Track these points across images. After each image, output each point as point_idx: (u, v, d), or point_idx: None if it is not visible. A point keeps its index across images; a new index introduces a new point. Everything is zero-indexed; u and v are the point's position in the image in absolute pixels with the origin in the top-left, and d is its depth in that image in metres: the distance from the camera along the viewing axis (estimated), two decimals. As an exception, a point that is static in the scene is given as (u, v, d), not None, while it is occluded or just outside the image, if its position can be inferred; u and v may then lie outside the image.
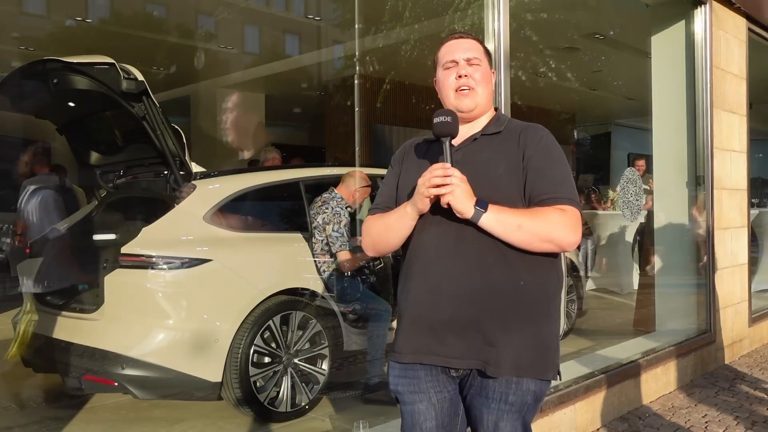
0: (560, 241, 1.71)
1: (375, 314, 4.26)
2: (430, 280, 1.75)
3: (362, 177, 4.43)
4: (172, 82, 9.72)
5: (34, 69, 3.71)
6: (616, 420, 4.01)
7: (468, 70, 1.83)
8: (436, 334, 1.74)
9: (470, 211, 1.65)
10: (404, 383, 1.82)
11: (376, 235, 1.88)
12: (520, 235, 1.68)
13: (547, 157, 1.77)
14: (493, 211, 1.66)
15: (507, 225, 1.67)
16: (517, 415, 1.75)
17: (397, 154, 1.99)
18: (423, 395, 1.80)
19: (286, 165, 6.15)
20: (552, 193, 1.72)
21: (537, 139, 1.79)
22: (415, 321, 1.78)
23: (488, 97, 1.88)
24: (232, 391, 3.58)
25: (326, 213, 4.21)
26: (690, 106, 5.22)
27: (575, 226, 1.71)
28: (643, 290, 6.16)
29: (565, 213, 1.70)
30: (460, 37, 1.88)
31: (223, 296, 3.69)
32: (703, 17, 5.17)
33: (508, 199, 1.71)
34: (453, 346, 1.72)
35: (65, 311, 3.86)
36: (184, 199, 3.76)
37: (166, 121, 3.71)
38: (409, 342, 1.79)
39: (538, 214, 1.69)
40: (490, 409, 1.75)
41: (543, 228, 1.68)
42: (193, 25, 8.46)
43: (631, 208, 6.58)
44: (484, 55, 1.88)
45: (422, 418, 1.81)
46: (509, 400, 1.74)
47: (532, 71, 8.78)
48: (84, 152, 4.54)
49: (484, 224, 1.67)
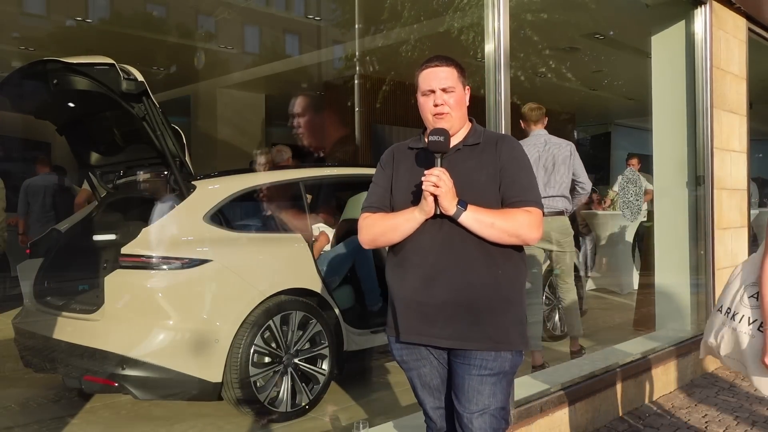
0: (525, 237, 2.06)
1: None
2: (425, 271, 2.06)
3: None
4: (172, 82, 9.72)
5: (34, 69, 3.70)
6: (616, 420, 4.01)
7: (444, 98, 2.11)
8: (429, 318, 2.07)
9: (453, 209, 1.99)
10: (407, 353, 2.18)
11: (380, 233, 2.14)
12: (493, 231, 2.02)
13: (517, 165, 2.12)
14: (472, 210, 2.01)
15: (482, 222, 2.01)
16: (495, 379, 2.07)
17: (386, 158, 2.26)
18: (425, 360, 2.17)
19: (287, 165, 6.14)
20: (521, 197, 2.07)
21: (510, 149, 2.14)
22: (410, 305, 2.10)
23: (461, 117, 2.16)
24: (232, 391, 3.58)
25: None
26: (690, 106, 5.22)
27: (538, 225, 2.07)
28: (643, 290, 6.16)
29: (530, 214, 2.05)
30: (437, 65, 2.12)
31: (223, 296, 3.68)
32: (703, 17, 5.17)
33: (489, 204, 2.05)
34: (443, 329, 2.06)
35: (65, 311, 3.86)
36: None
37: (166, 121, 3.71)
38: (405, 323, 2.12)
39: (508, 215, 2.04)
40: (471, 375, 2.07)
41: (511, 226, 2.03)
42: (193, 25, 8.47)
43: (631, 208, 6.60)
44: (458, 79, 2.13)
45: (428, 378, 2.19)
46: (488, 366, 2.06)
47: (531, 71, 8.79)
48: (84, 152, 4.54)
49: (463, 221, 2.01)
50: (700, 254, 5.18)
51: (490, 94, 3.37)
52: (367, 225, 2.16)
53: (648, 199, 6.52)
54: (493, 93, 3.36)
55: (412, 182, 2.12)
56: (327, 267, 4.44)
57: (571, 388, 3.68)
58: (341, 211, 5.13)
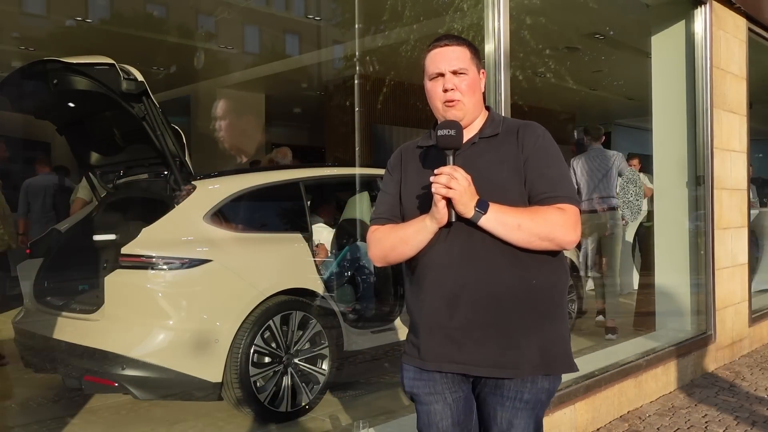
0: (560, 240, 1.73)
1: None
2: (444, 288, 1.76)
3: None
4: (172, 82, 9.72)
5: (34, 69, 3.71)
6: (616, 420, 4.01)
7: (454, 82, 1.81)
8: (454, 342, 1.76)
9: (470, 211, 1.67)
10: (420, 385, 1.85)
11: (390, 247, 1.85)
12: (521, 235, 1.69)
13: (544, 156, 1.79)
14: (494, 211, 1.68)
15: (507, 225, 1.69)
16: (530, 412, 1.80)
17: (393, 161, 1.97)
18: (438, 396, 1.83)
19: (287, 165, 6.15)
20: (551, 192, 1.74)
21: (534, 138, 1.81)
22: (432, 329, 1.79)
23: (475, 104, 1.85)
24: (232, 391, 3.58)
25: None
26: (690, 106, 5.22)
27: (575, 225, 1.73)
28: (643, 290, 6.16)
29: (564, 212, 1.72)
30: (446, 45, 1.83)
31: (223, 296, 3.68)
32: (703, 17, 5.17)
33: (513, 204, 1.73)
34: (471, 354, 1.75)
35: (65, 311, 3.86)
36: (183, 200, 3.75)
37: (166, 121, 3.71)
38: (429, 350, 1.80)
39: (538, 214, 1.71)
40: (504, 407, 1.79)
41: (542, 227, 1.70)
42: (193, 25, 8.47)
43: (631, 208, 6.59)
44: (470, 61, 1.84)
45: (438, 417, 1.85)
46: (524, 398, 1.78)
47: (531, 71, 8.78)
48: (84, 152, 4.54)
49: (484, 224, 1.68)
50: (700, 254, 5.18)
51: (490, 94, 3.37)
52: (376, 240, 1.87)
53: (648, 195, 6.54)
54: (493, 93, 3.37)
55: (422, 186, 1.80)
56: (327, 275, 4.44)
57: (571, 388, 3.68)
58: (341, 211, 5.13)
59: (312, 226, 4.44)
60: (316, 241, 4.56)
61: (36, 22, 7.82)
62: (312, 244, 4.22)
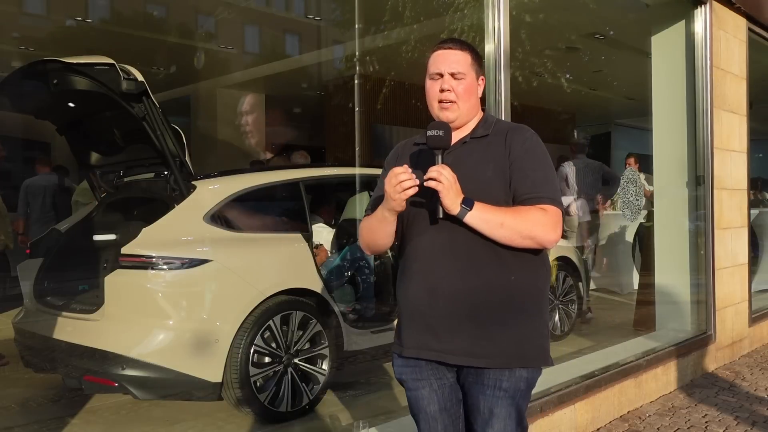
0: (541, 239, 1.81)
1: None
2: (428, 279, 1.86)
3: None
4: (172, 82, 9.72)
5: (34, 69, 3.70)
6: (616, 420, 4.01)
7: (452, 84, 1.90)
8: (433, 331, 1.86)
9: (457, 208, 1.75)
10: (408, 371, 1.96)
11: (366, 236, 1.99)
12: (503, 232, 1.79)
13: (531, 158, 1.87)
14: (479, 209, 1.77)
15: (490, 222, 1.78)
16: (511, 401, 1.87)
17: (391, 158, 2.08)
18: (425, 382, 1.94)
19: (287, 165, 6.15)
20: (534, 192, 1.83)
21: (522, 140, 1.89)
22: (414, 317, 1.90)
23: (470, 108, 1.94)
24: (232, 391, 3.58)
25: None
26: (690, 106, 5.22)
27: (555, 225, 1.82)
28: (643, 290, 6.16)
29: (546, 212, 1.81)
30: (449, 48, 1.92)
31: (223, 296, 3.68)
32: (703, 17, 5.17)
33: (497, 202, 1.82)
34: (447, 342, 1.85)
35: (65, 311, 3.86)
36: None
37: (166, 121, 3.71)
38: (409, 337, 1.92)
39: (520, 213, 1.80)
40: (485, 396, 1.87)
41: (524, 226, 1.79)
42: (193, 25, 8.47)
43: (631, 208, 6.61)
44: (470, 66, 1.92)
45: (425, 402, 1.95)
46: (503, 386, 1.85)
47: (531, 71, 8.78)
48: (84, 152, 4.54)
49: (468, 221, 1.77)
50: (700, 254, 5.18)
51: (490, 94, 3.37)
52: (360, 230, 2.03)
53: (647, 195, 6.56)
54: (493, 93, 3.37)
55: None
56: (327, 275, 4.44)
57: (571, 388, 3.68)
58: (341, 211, 5.13)
59: (312, 226, 4.44)
60: (316, 241, 4.56)
61: (36, 22, 7.82)
62: (312, 244, 4.22)
